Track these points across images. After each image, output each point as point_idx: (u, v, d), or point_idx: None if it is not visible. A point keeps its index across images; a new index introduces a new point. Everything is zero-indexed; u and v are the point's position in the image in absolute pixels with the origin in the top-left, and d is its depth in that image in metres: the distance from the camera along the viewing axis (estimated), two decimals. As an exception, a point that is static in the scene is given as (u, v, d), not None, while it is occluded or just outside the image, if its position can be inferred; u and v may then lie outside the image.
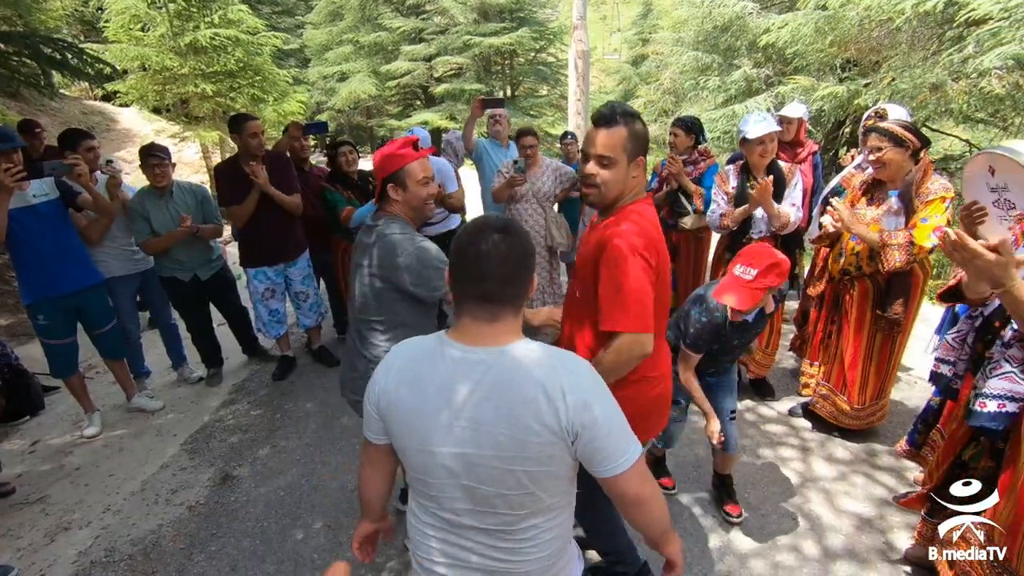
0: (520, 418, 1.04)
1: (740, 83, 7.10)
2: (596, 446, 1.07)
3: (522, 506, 1.11)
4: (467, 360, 1.09)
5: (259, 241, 3.69)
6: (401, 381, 1.14)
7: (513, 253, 1.10)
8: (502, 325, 1.12)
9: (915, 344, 3.74)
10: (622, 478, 1.10)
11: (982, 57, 4.12)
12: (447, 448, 1.09)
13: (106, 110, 11.45)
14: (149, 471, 3.09)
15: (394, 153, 1.90)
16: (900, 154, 2.41)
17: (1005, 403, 1.62)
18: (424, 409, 1.10)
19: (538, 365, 1.08)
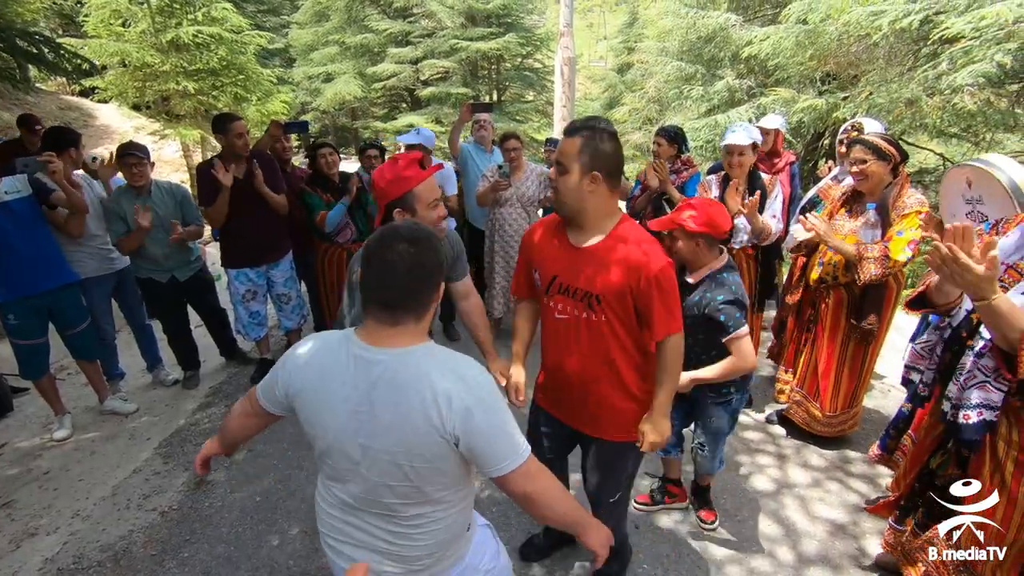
0: (409, 418, 1.12)
1: (723, 93, 7.21)
2: (478, 451, 1.15)
3: (407, 496, 1.20)
4: (368, 359, 1.16)
5: (241, 242, 3.64)
6: (310, 370, 1.22)
7: (417, 266, 1.15)
8: (403, 329, 1.17)
9: (889, 353, 3.82)
10: (509, 478, 1.18)
11: (955, 74, 4.23)
12: (346, 437, 1.17)
13: (84, 106, 11.21)
14: (121, 475, 3.03)
15: (400, 175, 1.71)
16: (883, 167, 2.46)
17: (983, 411, 1.65)
18: (328, 399, 1.18)
19: (431, 370, 1.14)
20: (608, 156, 1.57)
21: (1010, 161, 1.94)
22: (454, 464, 1.19)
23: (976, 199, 2.06)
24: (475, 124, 4.35)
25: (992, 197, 1.98)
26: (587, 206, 1.62)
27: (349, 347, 1.19)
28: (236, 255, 3.68)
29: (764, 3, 7.43)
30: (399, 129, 15.68)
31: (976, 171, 2.02)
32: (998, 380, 1.59)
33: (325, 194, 3.75)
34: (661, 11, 9.41)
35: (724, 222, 1.98)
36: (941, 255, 1.39)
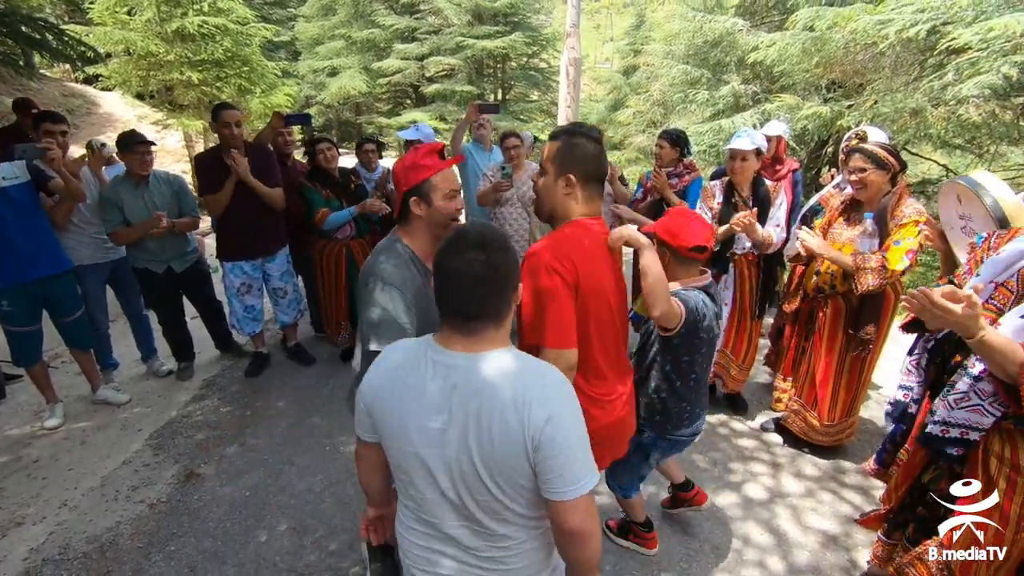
0: (489, 424, 1.06)
1: (728, 98, 7.18)
2: (552, 464, 1.06)
3: (494, 512, 1.13)
4: (446, 364, 1.12)
5: (237, 234, 3.62)
6: (388, 381, 1.17)
7: (491, 273, 1.10)
8: (483, 335, 1.13)
9: (886, 364, 3.80)
10: (569, 505, 1.07)
11: (961, 85, 4.21)
12: (424, 448, 1.12)
13: (87, 93, 11.18)
14: (110, 466, 3.01)
15: (417, 163, 1.67)
16: (882, 176, 2.45)
17: (968, 432, 1.63)
18: (405, 409, 1.13)
19: (512, 374, 1.10)
20: (581, 157, 1.56)
21: (996, 181, 1.93)
22: (532, 478, 1.10)
23: (967, 216, 2.05)
24: (475, 123, 4.33)
25: (978, 216, 1.98)
26: (560, 208, 1.62)
27: (428, 353, 1.15)
28: (232, 247, 3.67)
29: (771, 9, 7.41)
30: (403, 125, 15.65)
31: (961, 189, 2.01)
32: (993, 405, 1.56)
33: (324, 189, 3.73)
34: (668, 14, 9.40)
35: (685, 236, 1.82)
36: (918, 300, 1.40)
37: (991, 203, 1.88)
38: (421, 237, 1.69)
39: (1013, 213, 1.87)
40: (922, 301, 1.40)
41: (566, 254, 1.52)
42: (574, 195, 1.58)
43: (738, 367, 3.33)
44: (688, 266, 1.91)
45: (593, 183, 1.59)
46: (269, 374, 4.01)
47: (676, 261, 1.88)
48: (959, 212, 2.11)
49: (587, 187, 1.58)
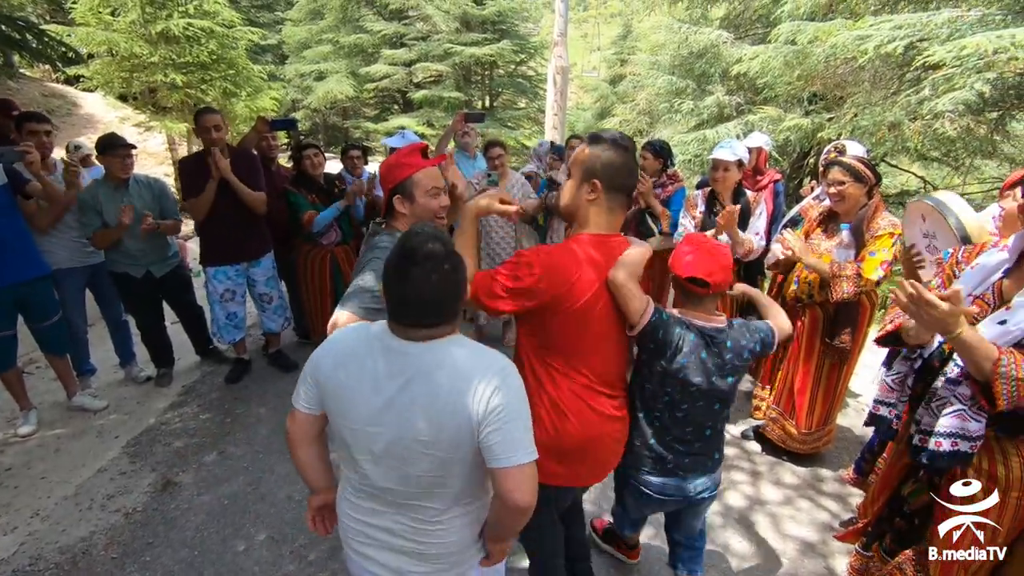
0: (443, 404, 1.15)
1: (712, 109, 7.28)
2: (496, 435, 1.16)
3: (431, 487, 1.22)
4: (402, 351, 1.19)
5: (220, 238, 3.58)
6: (340, 360, 1.24)
7: (445, 286, 1.17)
8: (436, 331, 1.21)
9: (864, 372, 3.87)
10: (510, 473, 1.17)
11: (937, 100, 4.32)
12: (373, 427, 1.19)
13: (68, 94, 11.01)
14: (85, 474, 2.95)
15: (400, 162, 1.73)
16: (859, 189, 2.50)
17: (958, 441, 1.63)
18: (357, 389, 1.20)
19: (461, 358, 1.19)
20: (606, 167, 1.54)
21: (960, 202, 2.01)
22: (474, 456, 1.20)
23: (931, 234, 2.12)
24: (460, 131, 4.35)
25: (942, 234, 2.04)
26: (580, 213, 1.61)
27: (381, 338, 1.22)
28: (215, 252, 3.63)
29: (755, 22, 7.54)
30: (390, 131, 15.63)
31: (926, 208, 2.07)
32: (974, 409, 1.57)
33: (310, 195, 3.71)
34: (654, 25, 9.50)
35: (680, 264, 1.65)
36: (907, 293, 1.42)
37: (955, 221, 1.95)
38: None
39: (974, 230, 1.95)
40: (911, 295, 1.41)
41: (553, 263, 1.49)
42: (598, 202, 1.56)
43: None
44: (692, 300, 1.68)
45: (619, 193, 1.56)
46: (250, 380, 3.96)
47: (678, 290, 1.73)
48: (923, 230, 2.17)
49: (612, 196, 1.55)
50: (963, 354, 1.47)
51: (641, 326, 1.59)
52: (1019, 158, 5.63)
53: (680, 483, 1.76)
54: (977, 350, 1.42)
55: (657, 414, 1.72)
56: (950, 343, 1.47)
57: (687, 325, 1.65)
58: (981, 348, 1.42)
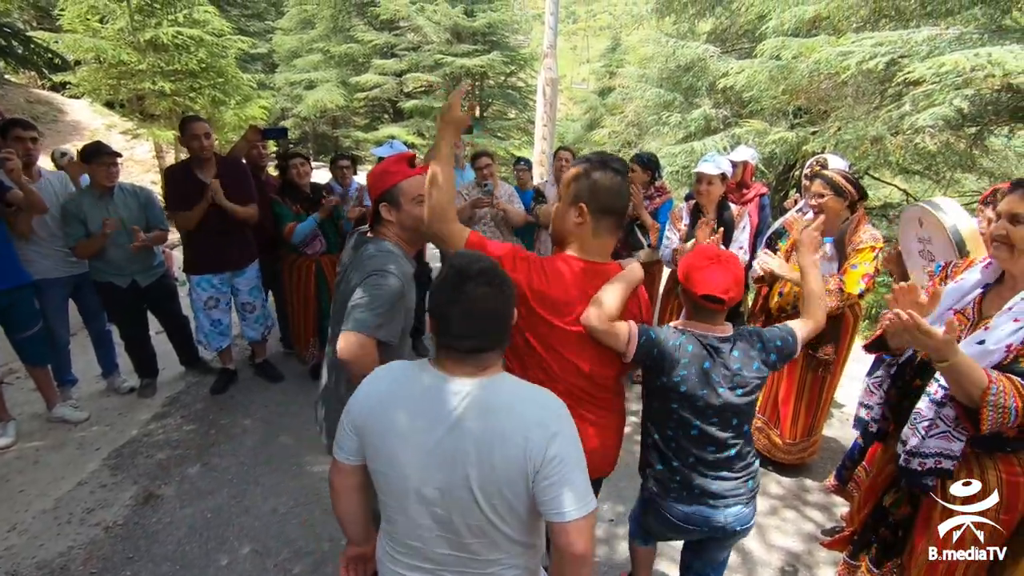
0: (491, 450, 1.07)
1: (700, 121, 7.37)
2: (553, 487, 1.07)
3: (484, 535, 1.13)
4: (447, 390, 1.12)
5: (205, 247, 3.56)
6: (382, 403, 1.16)
7: (499, 305, 1.13)
8: (487, 362, 1.16)
9: (849, 384, 3.90)
10: (574, 526, 1.08)
11: (917, 115, 4.40)
12: (420, 473, 1.11)
13: (54, 100, 10.91)
14: (65, 488, 2.90)
15: (386, 170, 1.76)
16: (839, 203, 2.55)
17: (942, 460, 1.65)
18: (401, 433, 1.12)
19: (514, 400, 1.12)
20: (597, 190, 1.50)
21: (957, 207, 2.03)
22: (528, 503, 1.12)
23: (927, 239, 2.14)
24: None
25: (938, 239, 2.06)
26: (567, 236, 1.58)
27: (426, 377, 1.15)
28: (199, 261, 3.60)
29: (741, 37, 7.66)
30: (379, 140, 15.65)
31: (925, 212, 2.10)
32: (958, 430, 1.60)
33: (295, 204, 3.70)
34: (643, 39, 9.63)
35: (697, 281, 1.57)
36: (902, 322, 1.40)
37: (951, 226, 1.96)
38: (393, 238, 1.79)
39: (969, 238, 1.96)
40: (907, 324, 1.39)
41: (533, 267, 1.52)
42: (584, 226, 1.53)
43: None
44: (703, 315, 1.63)
45: (607, 217, 1.52)
46: (236, 391, 3.92)
47: (690, 305, 1.66)
48: (919, 235, 2.19)
49: (599, 220, 1.52)
50: (953, 380, 1.46)
51: (631, 353, 1.57)
52: (998, 172, 5.75)
53: (710, 513, 1.65)
54: (968, 377, 1.42)
55: (670, 433, 1.66)
56: (942, 370, 1.46)
57: (686, 336, 1.61)
58: (972, 375, 1.41)
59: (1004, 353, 1.46)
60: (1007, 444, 1.57)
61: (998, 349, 1.47)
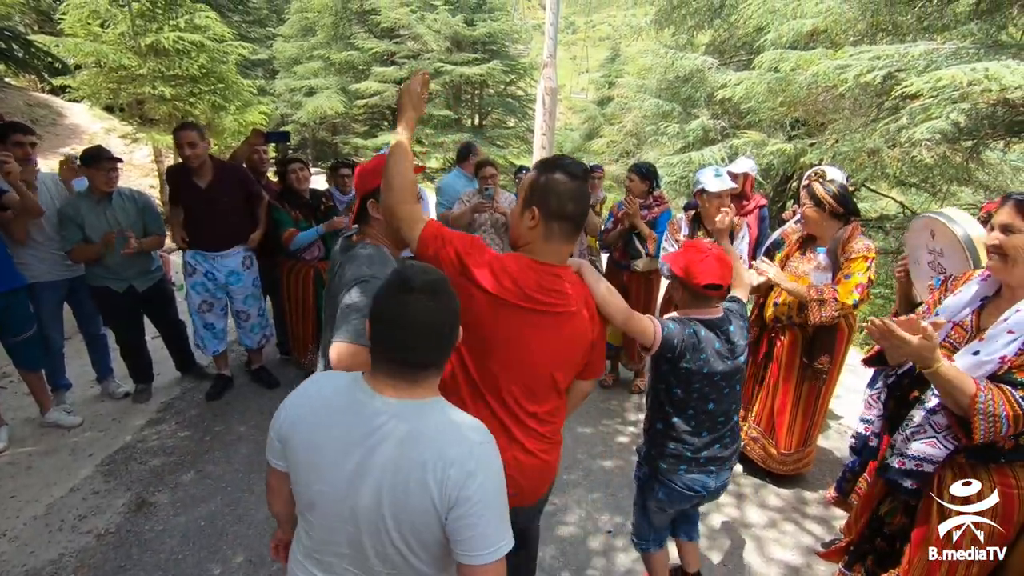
0: (407, 478, 1.03)
1: (698, 132, 7.42)
2: (467, 525, 1.03)
3: (393, 565, 1.10)
4: (373, 409, 1.07)
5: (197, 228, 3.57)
6: (309, 413, 1.12)
7: (442, 320, 1.07)
8: (422, 382, 1.11)
9: (846, 395, 3.91)
10: (481, 570, 1.04)
11: (914, 129, 4.43)
12: (333, 488, 1.07)
13: (53, 103, 10.90)
14: (57, 494, 2.86)
15: (375, 167, 1.71)
16: (817, 213, 2.58)
17: (922, 464, 1.68)
18: (322, 448, 1.08)
19: (436, 428, 1.07)
20: (551, 194, 1.42)
21: (968, 217, 2.03)
22: (440, 538, 1.07)
23: (938, 251, 2.13)
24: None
25: (951, 251, 2.06)
26: (520, 240, 1.51)
27: (357, 393, 1.10)
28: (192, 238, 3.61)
29: (739, 49, 7.72)
30: (378, 147, 15.68)
31: (938, 223, 2.09)
32: (947, 438, 1.61)
33: (293, 210, 3.70)
34: (642, 50, 9.69)
35: (698, 273, 1.76)
36: (878, 328, 1.45)
37: (964, 237, 1.96)
38: (380, 238, 1.75)
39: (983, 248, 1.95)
40: (881, 329, 1.45)
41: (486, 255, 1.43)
42: (537, 230, 1.45)
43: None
44: (702, 301, 1.83)
45: (561, 222, 1.44)
46: (231, 397, 3.89)
47: (689, 296, 1.84)
48: (930, 246, 2.19)
49: (551, 224, 1.44)
50: (940, 387, 1.49)
51: (657, 345, 1.70)
52: (993, 185, 5.79)
53: (706, 479, 1.89)
54: (953, 383, 1.45)
55: (691, 412, 1.83)
56: (928, 376, 1.49)
57: (693, 323, 1.78)
58: (957, 382, 1.44)
59: (998, 364, 1.48)
60: (1001, 455, 1.57)
61: (992, 360, 1.49)
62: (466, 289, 1.39)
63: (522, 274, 1.43)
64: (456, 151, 5.30)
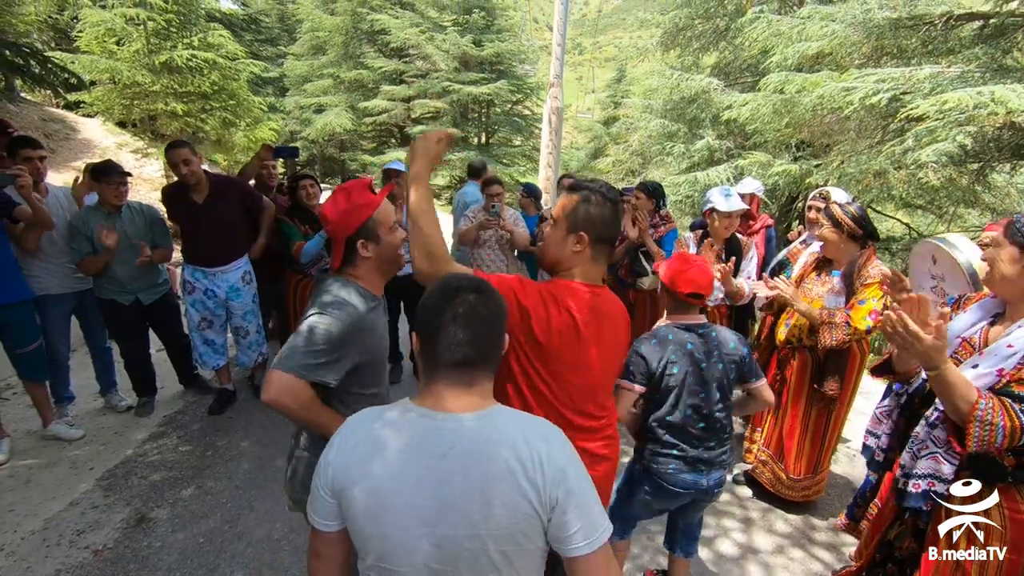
0: (494, 491, 0.97)
1: (703, 152, 7.45)
2: (571, 520, 1.00)
3: None
4: (435, 428, 1.02)
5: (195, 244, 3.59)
6: (359, 455, 1.02)
7: (490, 312, 1.08)
8: (479, 388, 1.07)
9: (857, 419, 3.85)
10: (592, 558, 1.01)
11: (920, 151, 4.44)
12: (412, 529, 0.98)
13: (67, 118, 11.08)
14: (55, 508, 2.84)
15: (355, 204, 1.57)
16: (835, 234, 2.55)
17: (934, 482, 1.67)
18: (385, 486, 0.99)
19: (516, 431, 1.03)
20: (596, 220, 1.51)
21: (968, 243, 2.03)
22: (539, 544, 1.03)
23: (940, 276, 2.13)
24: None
25: (952, 276, 2.06)
26: (564, 263, 1.56)
27: (409, 417, 1.04)
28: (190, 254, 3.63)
29: (744, 71, 7.78)
30: (385, 163, 15.83)
31: (939, 249, 2.10)
32: (948, 452, 1.62)
33: (303, 225, 3.72)
34: (647, 71, 9.79)
35: (681, 282, 1.91)
36: (892, 321, 1.45)
37: (966, 262, 1.97)
38: (369, 277, 1.65)
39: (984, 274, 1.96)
40: (895, 323, 1.45)
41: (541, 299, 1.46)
42: (583, 254, 1.53)
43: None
44: (684, 308, 1.97)
45: (604, 245, 1.55)
46: (233, 412, 3.88)
47: (673, 304, 1.99)
48: (932, 271, 2.19)
49: (597, 248, 1.54)
50: (942, 392, 1.50)
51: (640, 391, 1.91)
52: (1000, 207, 5.78)
53: (697, 478, 1.95)
54: (956, 389, 1.45)
55: (668, 417, 1.91)
56: (931, 379, 1.50)
57: (666, 327, 1.96)
58: (960, 388, 1.45)
59: (996, 377, 1.50)
60: (1008, 474, 1.54)
61: (990, 373, 1.51)
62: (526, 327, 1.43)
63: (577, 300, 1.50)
64: (467, 167, 5.37)
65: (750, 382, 2.00)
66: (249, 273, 3.78)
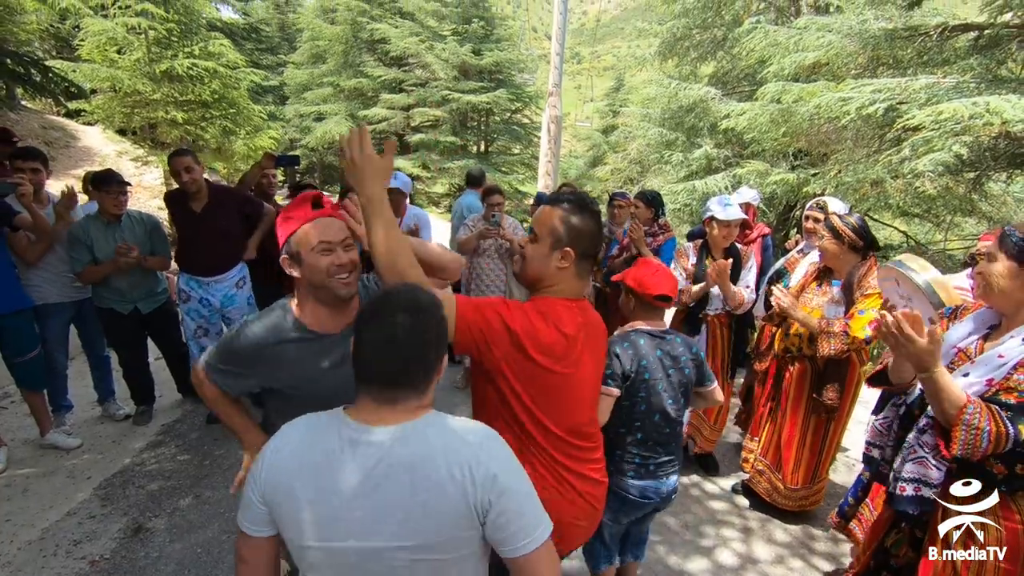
0: (425, 501, 0.98)
1: (701, 161, 7.48)
2: (508, 522, 1.01)
3: None
4: (365, 441, 1.01)
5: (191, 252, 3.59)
6: (291, 464, 1.02)
7: (421, 338, 1.02)
8: (405, 405, 1.04)
9: (856, 427, 3.85)
10: (535, 556, 1.03)
11: (917, 160, 4.46)
12: (343, 541, 0.99)
13: (67, 126, 11.12)
14: (52, 518, 2.83)
15: (285, 216, 1.46)
16: (836, 245, 2.55)
17: (920, 487, 1.68)
18: (317, 498, 0.99)
19: (443, 441, 1.02)
20: (583, 233, 1.48)
21: (924, 263, 2.09)
22: (475, 551, 1.05)
23: (907, 296, 2.16)
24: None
25: (916, 296, 2.09)
26: (547, 279, 1.51)
27: (340, 429, 1.03)
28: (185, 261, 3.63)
29: (742, 80, 7.84)
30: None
31: (896, 272, 2.13)
32: (937, 458, 1.64)
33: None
34: (645, 80, 9.86)
35: (650, 285, 1.91)
36: (887, 323, 1.49)
37: (924, 283, 2.01)
38: (306, 304, 1.50)
39: (939, 288, 2.01)
40: (891, 324, 1.48)
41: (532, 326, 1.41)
42: (568, 271, 1.49)
43: (710, 427, 3.34)
44: (651, 312, 1.99)
45: (588, 260, 1.52)
46: (232, 421, 3.86)
47: (640, 307, 2.00)
48: (900, 292, 2.22)
49: (581, 264, 1.50)
50: (932, 395, 1.52)
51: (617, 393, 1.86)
52: (996, 216, 5.81)
53: (658, 485, 1.96)
54: (947, 393, 1.47)
55: (637, 423, 1.91)
56: (922, 381, 1.52)
57: (635, 333, 1.94)
58: (950, 392, 1.47)
59: (985, 386, 1.52)
60: (999, 482, 1.54)
61: (979, 382, 1.53)
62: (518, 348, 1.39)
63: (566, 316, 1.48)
64: (465, 176, 5.39)
65: (705, 385, 2.03)
66: (244, 279, 3.78)
